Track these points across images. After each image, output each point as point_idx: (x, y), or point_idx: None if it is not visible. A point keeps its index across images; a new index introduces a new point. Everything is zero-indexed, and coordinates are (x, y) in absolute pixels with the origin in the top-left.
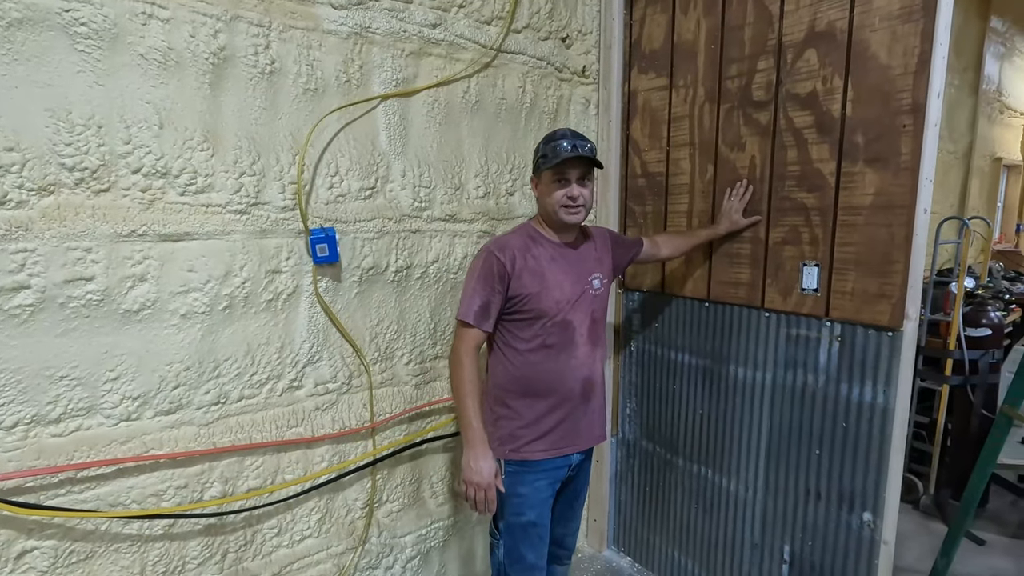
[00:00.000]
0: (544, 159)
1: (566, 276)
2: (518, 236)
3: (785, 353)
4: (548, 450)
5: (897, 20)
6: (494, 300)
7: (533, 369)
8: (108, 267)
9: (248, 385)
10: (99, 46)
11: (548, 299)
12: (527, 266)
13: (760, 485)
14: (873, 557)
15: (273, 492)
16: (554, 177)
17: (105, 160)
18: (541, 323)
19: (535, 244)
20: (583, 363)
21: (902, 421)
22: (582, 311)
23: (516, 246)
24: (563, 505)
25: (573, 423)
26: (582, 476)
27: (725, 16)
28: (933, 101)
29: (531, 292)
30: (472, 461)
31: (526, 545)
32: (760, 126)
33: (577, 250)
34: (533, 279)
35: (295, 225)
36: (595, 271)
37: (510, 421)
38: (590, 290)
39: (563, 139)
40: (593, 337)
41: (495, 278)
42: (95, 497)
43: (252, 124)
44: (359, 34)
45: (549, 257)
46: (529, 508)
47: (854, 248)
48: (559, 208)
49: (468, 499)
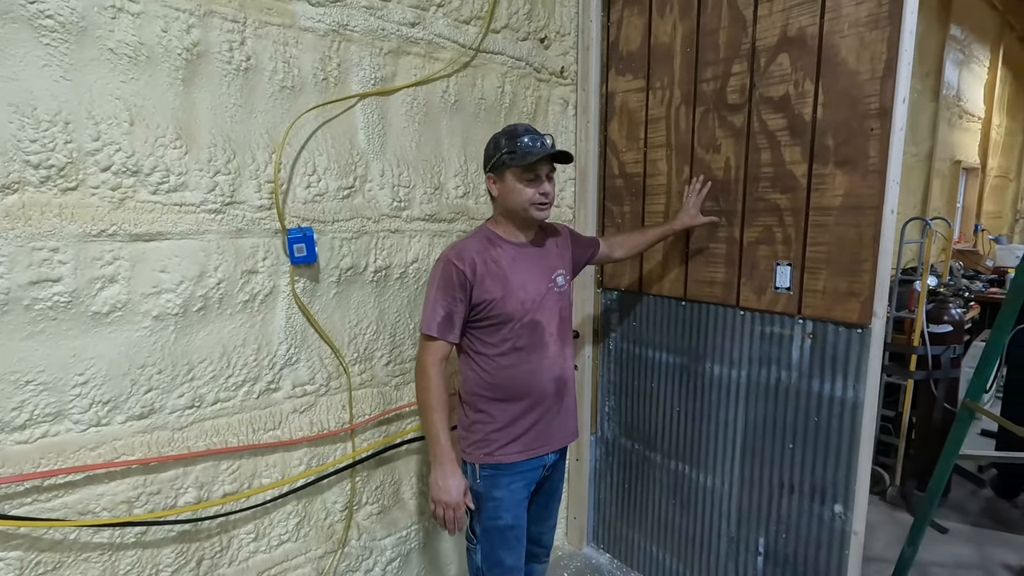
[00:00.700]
0: (511, 156)
1: (529, 276)
2: (475, 240)
3: (759, 350)
4: (523, 451)
5: (865, 27)
6: (457, 310)
7: (506, 373)
8: (76, 268)
9: (224, 388)
10: (66, 40)
11: (513, 302)
12: (488, 271)
13: (736, 480)
14: (844, 548)
15: (250, 496)
16: (524, 175)
17: (73, 157)
18: (509, 327)
19: (494, 247)
20: (554, 362)
21: (871, 415)
22: (549, 310)
23: (474, 251)
24: (539, 504)
25: (547, 423)
26: (557, 474)
27: (700, 20)
28: (899, 106)
29: (495, 297)
30: (440, 480)
31: (504, 548)
32: (735, 128)
33: (538, 248)
34: (495, 283)
35: (272, 225)
36: (558, 268)
37: (484, 425)
38: (555, 288)
39: (527, 135)
40: (562, 335)
41: (456, 287)
42: (63, 505)
43: (227, 122)
44: (336, 32)
45: (510, 258)
46: (506, 511)
47: (825, 248)
48: (530, 206)
49: (437, 518)
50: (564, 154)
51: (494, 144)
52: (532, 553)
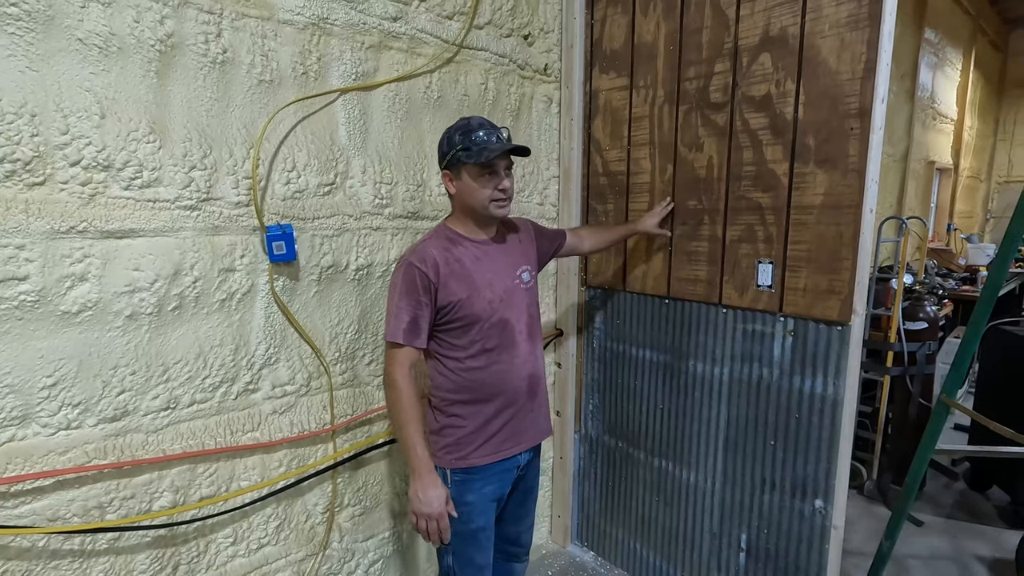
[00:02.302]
0: (466, 152)
1: (494, 274)
2: (436, 241)
3: (741, 348)
4: (495, 453)
5: (845, 28)
6: (422, 314)
7: (476, 375)
8: (44, 266)
9: (200, 389)
10: (32, 29)
11: (480, 302)
12: (452, 271)
13: (718, 476)
14: (824, 542)
15: (228, 500)
16: (481, 171)
17: (40, 151)
18: (477, 327)
19: (455, 246)
20: (526, 360)
21: (850, 411)
22: (517, 307)
23: (436, 252)
24: (515, 504)
25: (519, 422)
26: (532, 473)
27: (684, 19)
28: (878, 106)
29: (461, 298)
30: (421, 492)
31: (475, 549)
32: (717, 127)
33: (501, 244)
34: (460, 284)
35: (250, 222)
36: (523, 264)
37: (456, 430)
38: (521, 284)
39: (481, 129)
40: (532, 332)
41: (419, 290)
42: (31, 512)
43: (203, 116)
44: (316, 25)
45: (473, 257)
46: (478, 515)
47: (806, 246)
48: (490, 203)
49: (419, 531)
50: (522, 148)
51: (447, 140)
52: (511, 553)
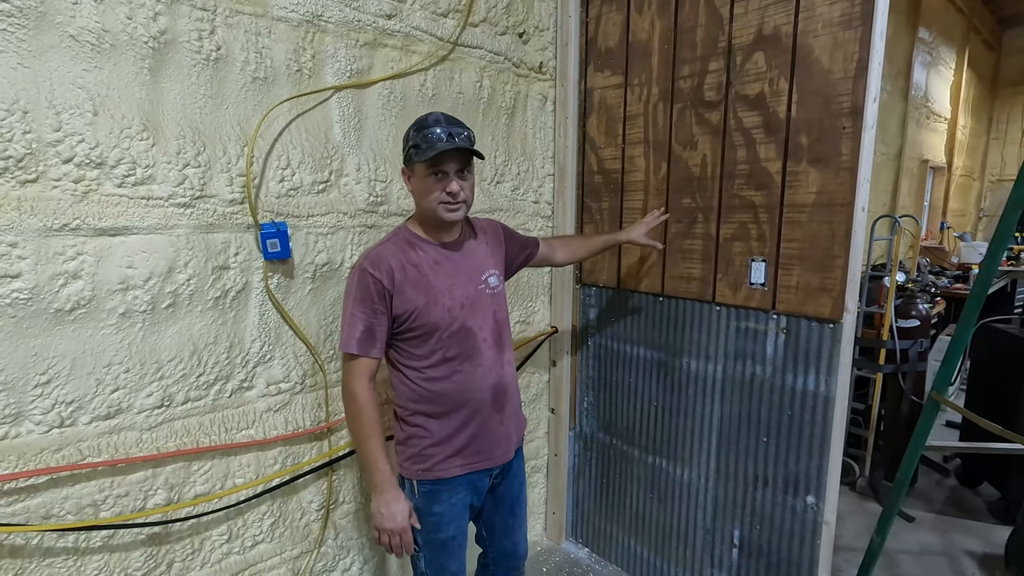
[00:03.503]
0: (416, 150)
1: (454, 279)
2: (392, 244)
3: (735, 345)
4: (463, 466)
5: (838, 27)
6: (378, 322)
7: (437, 386)
8: (37, 263)
9: (195, 387)
10: (23, 25)
11: (438, 309)
12: (407, 277)
13: (711, 473)
14: (816, 537)
15: (223, 497)
16: (429, 170)
17: (32, 148)
18: (436, 336)
19: (413, 250)
20: (490, 369)
21: (842, 408)
22: (481, 314)
23: (391, 256)
24: (503, 516)
25: (487, 435)
26: (515, 482)
27: (678, 17)
28: (870, 105)
29: (417, 306)
30: (383, 507)
31: (446, 556)
32: (711, 125)
33: (463, 249)
34: (416, 291)
35: (244, 219)
36: (489, 268)
37: (420, 440)
38: (487, 289)
39: (436, 125)
40: (499, 340)
41: (374, 298)
42: (25, 510)
43: (196, 113)
44: (311, 22)
45: (432, 262)
46: (447, 524)
47: (798, 244)
48: (438, 205)
49: (382, 545)
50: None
51: (406, 135)
52: (511, 567)
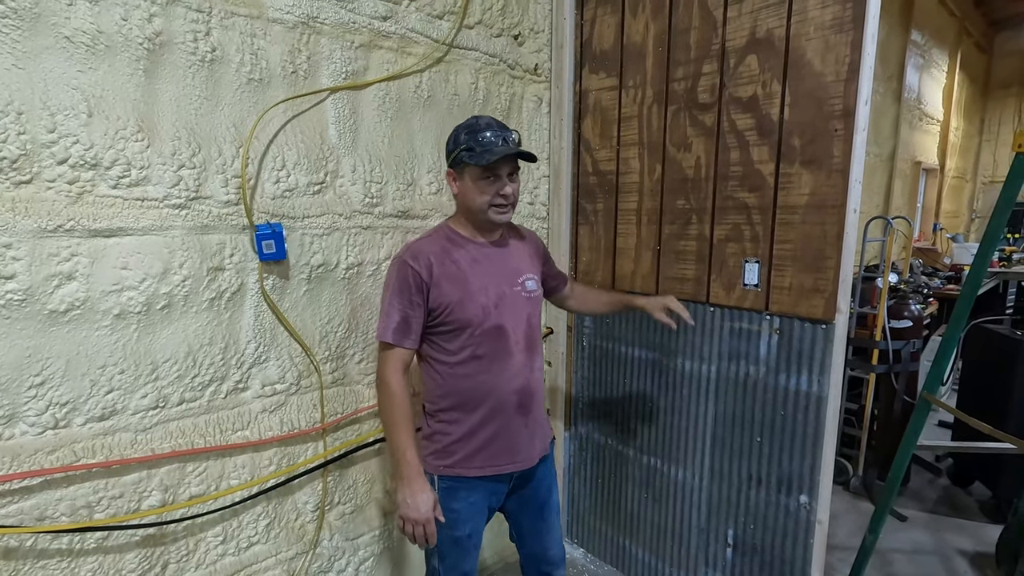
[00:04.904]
0: (469, 153)
1: (491, 278)
2: (434, 240)
3: (729, 346)
4: (483, 467)
5: (830, 30)
6: (414, 314)
7: (463, 383)
8: (31, 264)
9: (190, 388)
10: (18, 26)
11: (472, 306)
12: (445, 272)
13: (706, 473)
14: (809, 536)
15: (217, 499)
16: (483, 174)
17: (26, 149)
18: (468, 333)
19: (454, 247)
20: (518, 372)
21: (835, 408)
22: (515, 315)
23: (432, 252)
24: (531, 519)
25: (509, 438)
26: (542, 485)
27: (672, 20)
28: (862, 107)
29: (452, 301)
30: (409, 497)
31: (460, 554)
32: (705, 127)
33: (504, 248)
34: (453, 286)
35: (239, 220)
36: (527, 271)
37: (444, 436)
38: (523, 292)
39: (488, 130)
40: (530, 343)
41: (412, 290)
42: (19, 511)
43: (192, 114)
44: (306, 24)
45: (471, 259)
46: (464, 523)
47: (791, 245)
48: (489, 208)
49: (407, 535)
50: (528, 154)
51: (454, 138)
52: (544, 572)
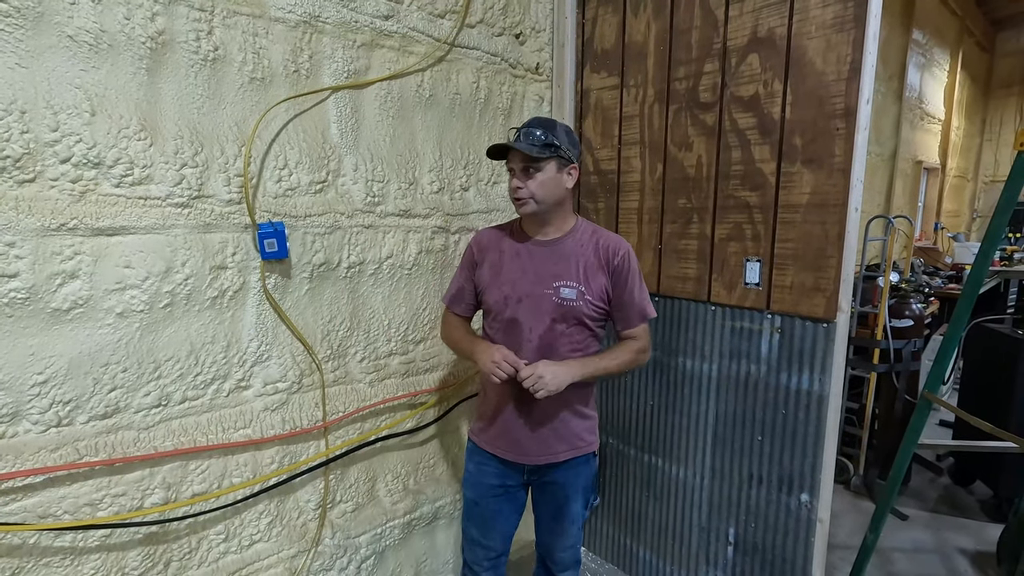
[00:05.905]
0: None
1: (523, 274)
2: (499, 229)
3: (730, 345)
4: (488, 444)
5: (831, 29)
6: (467, 287)
7: None
8: (34, 263)
9: (192, 386)
10: (21, 25)
11: (496, 293)
12: (490, 258)
13: (707, 471)
14: (810, 535)
15: (220, 496)
16: (506, 167)
17: (30, 148)
18: (492, 316)
19: (508, 238)
20: None
21: (836, 407)
22: (536, 315)
23: (491, 238)
24: (544, 516)
25: (507, 427)
26: (558, 490)
27: (673, 19)
28: (863, 106)
29: (484, 284)
30: (480, 356)
31: (468, 519)
32: (706, 127)
33: (550, 250)
34: (489, 272)
35: (242, 219)
36: (568, 279)
37: (479, 402)
38: (554, 296)
39: (521, 127)
40: (546, 347)
41: (467, 264)
42: (22, 509)
43: (194, 113)
44: (308, 23)
45: (514, 253)
46: (470, 486)
47: (792, 244)
48: (512, 200)
49: (496, 376)
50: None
51: None
52: (547, 569)
